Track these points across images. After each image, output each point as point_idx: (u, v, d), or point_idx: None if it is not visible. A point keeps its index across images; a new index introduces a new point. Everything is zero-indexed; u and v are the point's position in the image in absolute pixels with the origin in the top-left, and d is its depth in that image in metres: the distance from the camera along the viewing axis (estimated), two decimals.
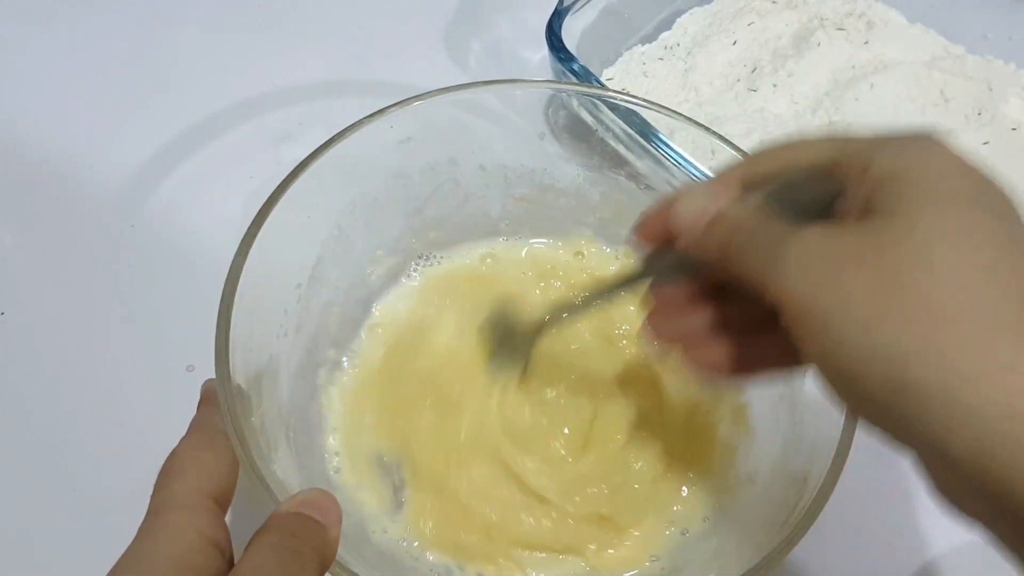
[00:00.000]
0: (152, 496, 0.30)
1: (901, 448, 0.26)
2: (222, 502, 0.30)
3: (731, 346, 0.33)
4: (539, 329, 0.42)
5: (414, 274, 0.50)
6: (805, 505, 0.35)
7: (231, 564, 0.29)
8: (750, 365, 0.33)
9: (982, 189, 0.26)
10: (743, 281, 0.29)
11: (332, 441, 0.44)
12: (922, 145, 0.27)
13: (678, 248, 0.32)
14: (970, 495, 0.25)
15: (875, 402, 0.25)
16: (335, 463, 0.43)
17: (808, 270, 0.26)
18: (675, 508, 0.43)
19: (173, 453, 0.31)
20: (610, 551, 0.42)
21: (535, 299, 0.49)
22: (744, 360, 0.33)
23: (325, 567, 0.29)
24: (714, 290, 0.34)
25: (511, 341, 0.44)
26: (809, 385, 0.42)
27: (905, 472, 0.49)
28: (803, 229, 0.27)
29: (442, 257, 0.50)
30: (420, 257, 0.50)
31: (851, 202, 0.28)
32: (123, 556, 0.27)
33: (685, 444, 0.45)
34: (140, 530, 0.28)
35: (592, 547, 0.42)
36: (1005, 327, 0.23)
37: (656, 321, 0.35)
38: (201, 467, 0.30)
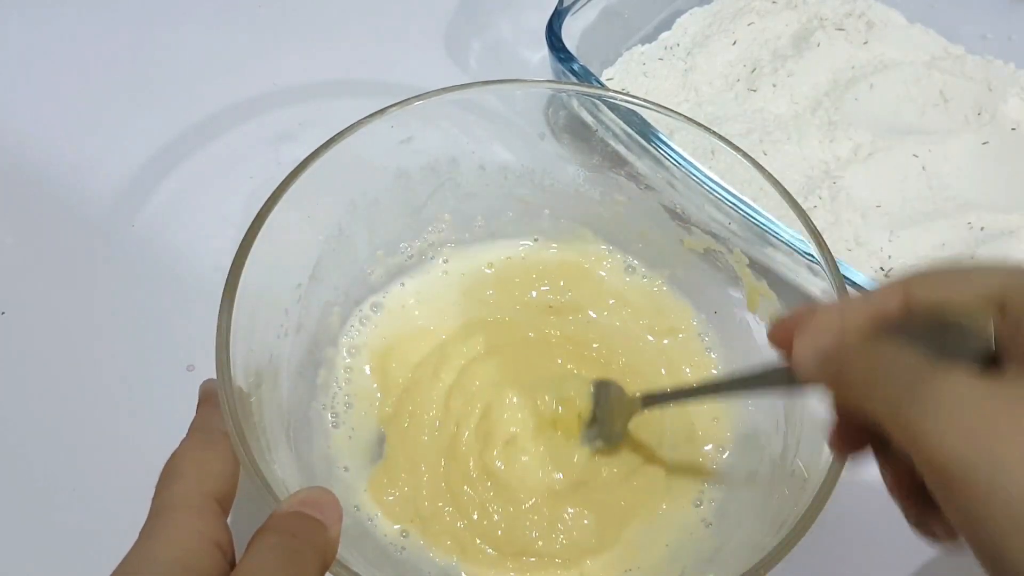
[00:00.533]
0: (154, 498, 0.30)
1: None
2: (224, 503, 0.30)
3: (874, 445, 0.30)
4: (643, 408, 0.42)
5: (414, 274, 0.50)
6: (805, 505, 0.35)
7: (233, 564, 0.29)
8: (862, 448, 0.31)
9: None
10: (869, 419, 0.26)
11: (332, 440, 0.44)
12: None
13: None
14: None
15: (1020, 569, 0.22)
16: (334, 462, 0.43)
17: (963, 425, 0.23)
18: (675, 509, 0.43)
19: (174, 454, 0.31)
20: (607, 553, 0.42)
21: (538, 304, 0.49)
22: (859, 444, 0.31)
23: (326, 566, 0.29)
24: None
25: (608, 416, 0.44)
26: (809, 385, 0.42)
27: None
28: (951, 371, 0.24)
29: (442, 257, 0.50)
30: (420, 257, 0.50)
31: (1015, 347, 0.25)
32: (125, 558, 0.27)
33: (685, 444, 0.45)
34: (142, 532, 0.28)
35: (587, 551, 0.42)
36: None
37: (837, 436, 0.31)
38: (202, 468, 0.30)
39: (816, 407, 0.40)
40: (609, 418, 0.44)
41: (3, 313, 0.53)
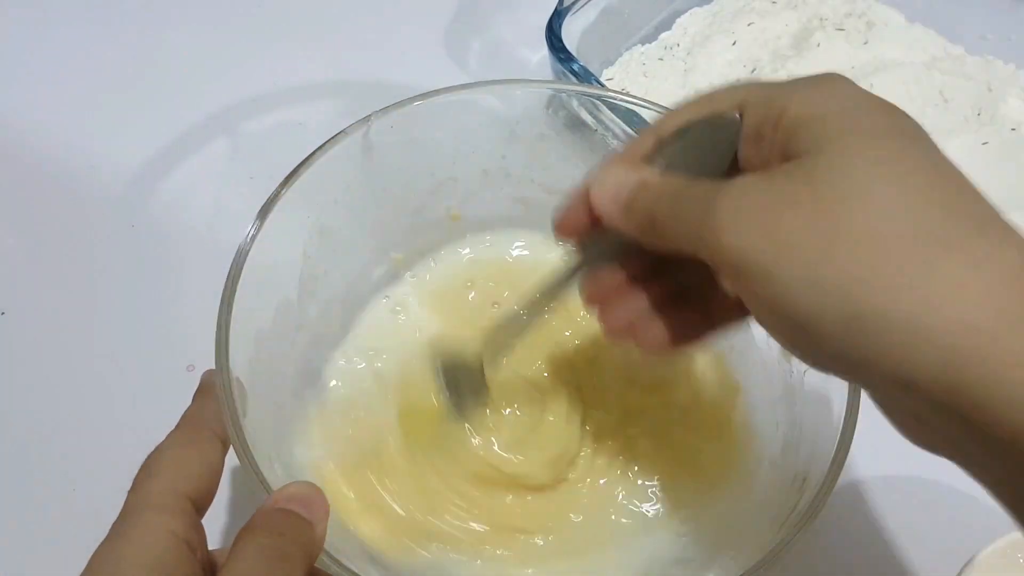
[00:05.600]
0: (128, 495, 0.29)
1: (861, 385, 0.26)
2: (199, 503, 0.30)
3: (683, 315, 0.33)
4: (492, 357, 0.41)
5: (415, 273, 0.50)
6: (805, 505, 0.35)
7: (204, 565, 0.29)
8: (695, 333, 0.33)
9: (897, 120, 0.27)
10: (676, 249, 0.29)
11: (330, 439, 0.44)
12: (832, 85, 0.28)
13: (605, 231, 0.32)
14: (933, 425, 0.25)
15: (831, 342, 0.25)
16: (333, 461, 0.43)
17: (743, 221, 0.26)
18: (674, 509, 0.43)
19: (156, 449, 0.31)
20: (604, 552, 0.42)
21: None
22: (688, 330, 0.33)
23: (312, 562, 0.29)
24: (650, 267, 0.34)
25: (470, 382, 0.42)
26: (809, 385, 0.42)
27: (904, 471, 0.49)
28: (728, 183, 0.27)
29: (443, 256, 0.50)
30: (421, 256, 0.50)
31: (766, 149, 0.28)
32: (93, 557, 0.27)
33: (684, 444, 0.45)
34: (112, 530, 0.28)
35: (576, 547, 0.41)
36: (950, 245, 0.23)
37: (605, 313, 0.35)
38: (180, 466, 0.30)
39: (816, 406, 0.40)
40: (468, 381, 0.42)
41: (3, 313, 0.53)
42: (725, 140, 0.30)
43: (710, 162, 0.30)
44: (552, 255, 0.51)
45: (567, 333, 0.47)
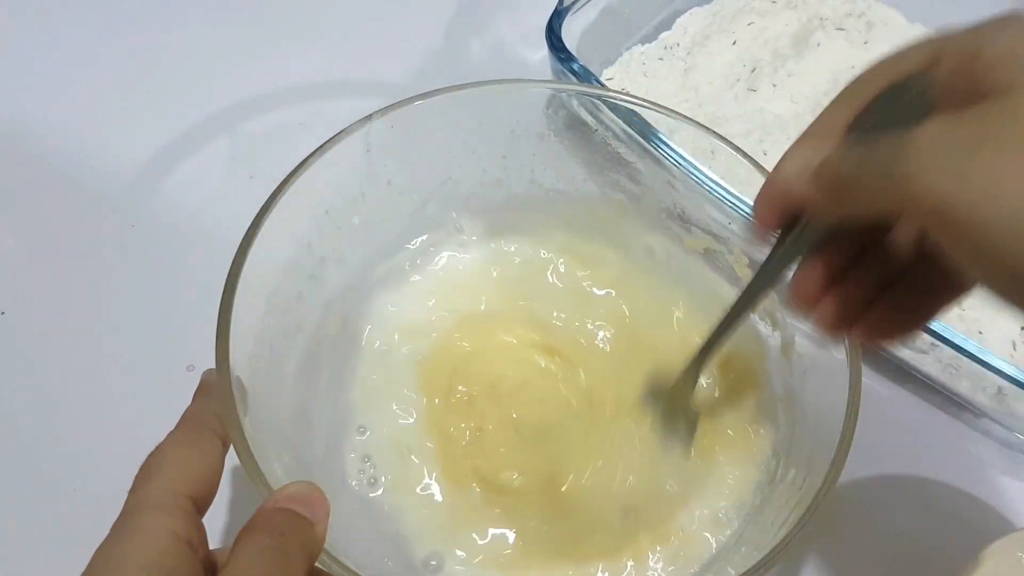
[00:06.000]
0: (128, 495, 0.29)
1: None
2: (200, 502, 0.30)
3: (888, 309, 0.32)
4: (697, 374, 0.41)
5: (415, 273, 0.50)
6: (805, 504, 0.35)
7: (205, 564, 0.28)
8: (912, 319, 0.32)
9: None
10: (871, 211, 0.27)
11: (330, 439, 0.44)
12: (1021, 23, 0.27)
13: (803, 224, 0.31)
14: None
15: None
16: (331, 461, 0.43)
17: (940, 164, 0.24)
18: (674, 510, 0.43)
19: (156, 449, 0.31)
20: (605, 556, 0.42)
21: (547, 298, 0.49)
22: (904, 317, 0.32)
23: (312, 563, 0.29)
24: (854, 257, 0.32)
25: (678, 407, 0.43)
26: (809, 385, 0.42)
27: (905, 471, 0.49)
28: (919, 129, 0.25)
29: (443, 256, 0.50)
30: (421, 256, 0.50)
31: (962, 95, 0.26)
32: (94, 557, 0.27)
33: (683, 445, 0.45)
34: (112, 530, 0.28)
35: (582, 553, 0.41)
36: None
37: (817, 310, 0.32)
38: (181, 466, 0.30)
39: (816, 406, 0.40)
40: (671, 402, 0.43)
41: (3, 313, 0.53)
42: (921, 100, 0.28)
43: (906, 125, 0.27)
44: (552, 255, 0.51)
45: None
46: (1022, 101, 0.24)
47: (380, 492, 0.43)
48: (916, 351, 0.48)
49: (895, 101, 0.29)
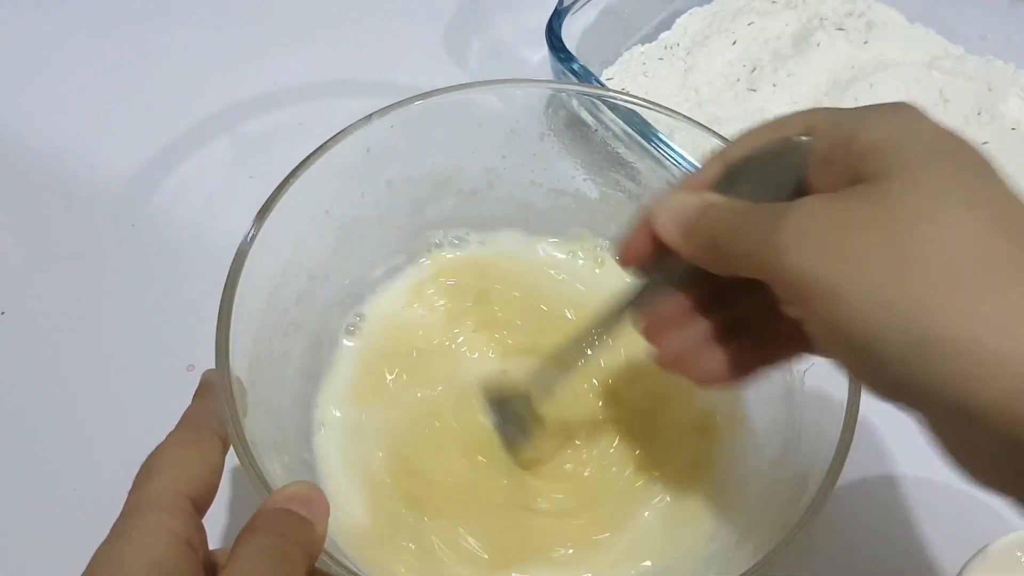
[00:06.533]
0: (128, 495, 0.29)
1: (917, 414, 0.26)
2: (200, 503, 0.30)
3: (737, 347, 0.33)
4: (544, 388, 0.40)
5: (415, 273, 0.50)
6: (805, 505, 0.35)
7: (206, 564, 0.29)
8: (759, 360, 0.33)
9: (965, 150, 0.27)
10: (738, 271, 0.29)
11: (330, 439, 0.44)
12: (904, 114, 0.28)
13: (666, 258, 0.32)
14: (989, 459, 0.25)
15: (894, 367, 0.24)
16: (330, 461, 0.43)
17: (810, 241, 0.26)
18: (673, 510, 0.43)
19: (156, 449, 0.31)
20: (602, 552, 0.42)
21: (547, 298, 0.49)
22: (753, 357, 0.33)
23: (312, 563, 0.29)
24: (708, 297, 0.34)
25: (514, 413, 0.42)
26: (809, 385, 0.42)
27: (905, 471, 0.49)
28: (796, 203, 0.27)
29: (443, 256, 0.50)
30: (421, 256, 0.50)
31: (834, 174, 0.28)
32: (94, 557, 0.27)
33: (683, 444, 0.45)
34: (112, 530, 0.28)
35: (577, 547, 0.41)
36: (1020, 274, 0.23)
37: (659, 341, 0.34)
38: (181, 466, 0.30)
39: (816, 406, 0.40)
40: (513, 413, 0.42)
41: (3, 313, 0.53)
42: (793, 165, 0.29)
43: (777, 187, 0.29)
44: (552, 255, 0.51)
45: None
46: (891, 188, 0.25)
47: None
48: None
49: (769, 161, 0.30)
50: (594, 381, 0.46)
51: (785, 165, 0.30)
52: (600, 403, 0.45)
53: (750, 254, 0.28)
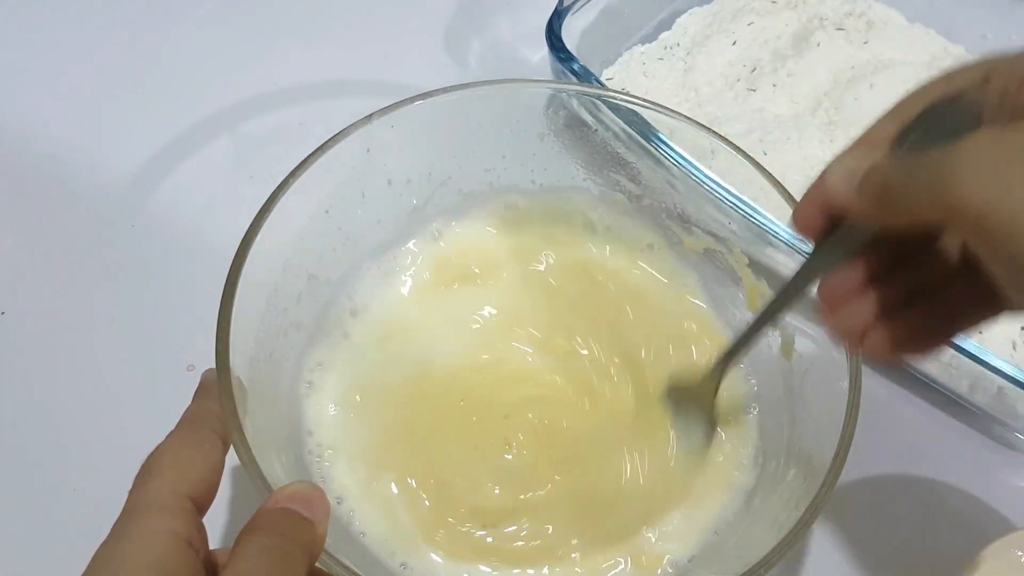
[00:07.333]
0: (128, 495, 0.29)
1: None
2: (200, 503, 0.30)
3: (919, 318, 0.32)
4: (725, 369, 0.41)
5: (414, 273, 0.50)
6: (805, 505, 0.35)
7: (205, 565, 0.28)
8: (943, 330, 0.32)
9: None
10: (913, 219, 0.28)
11: (330, 440, 0.44)
12: None
13: (842, 226, 0.31)
14: None
15: None
16: (331, 461, 0.43)
17: (984, 171, 0.25)
18: (673, 510, 0.43)
19: (156, 449, 0.31)
20: (604, 553, 0.42)
21: (549, 297, 0.49)
22: (936, 327, 0.32)
23: (312, 563, 0.29)
24: (886, 268, 0.32)
25: (693, 407, 0.43)
26: (809, 385, 0.42)
27: (905, 471, 0.49)
28: (967, 138, 0.26)
29: (443, 256, 0.50)
30: (420, 256, 0.50)
31: (1009, 114, 0.27)
32: (95, 557, 0.27)
33: (683, 445, 0.45)
34: (113, 531, 0.28)
35: (578, 552, 0.41)
36: None
37: (839, 317, 0.32)
38: (181, 466, 0.30)
39: (818, 406, 0.40)
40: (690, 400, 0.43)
41: (3, 313, 0.53)
42: (968, 117, 0.29)
43: (952, 142, 0.28)
44: (547, 253, 0.51)
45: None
46: None
47: None
48: None
49: (943, 116, 0.30)
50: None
51: (959, 122, 0.29)
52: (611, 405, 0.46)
53: (924, 195, 0.27)
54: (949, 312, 0.31)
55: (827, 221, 0.32)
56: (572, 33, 0.57)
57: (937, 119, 0.30)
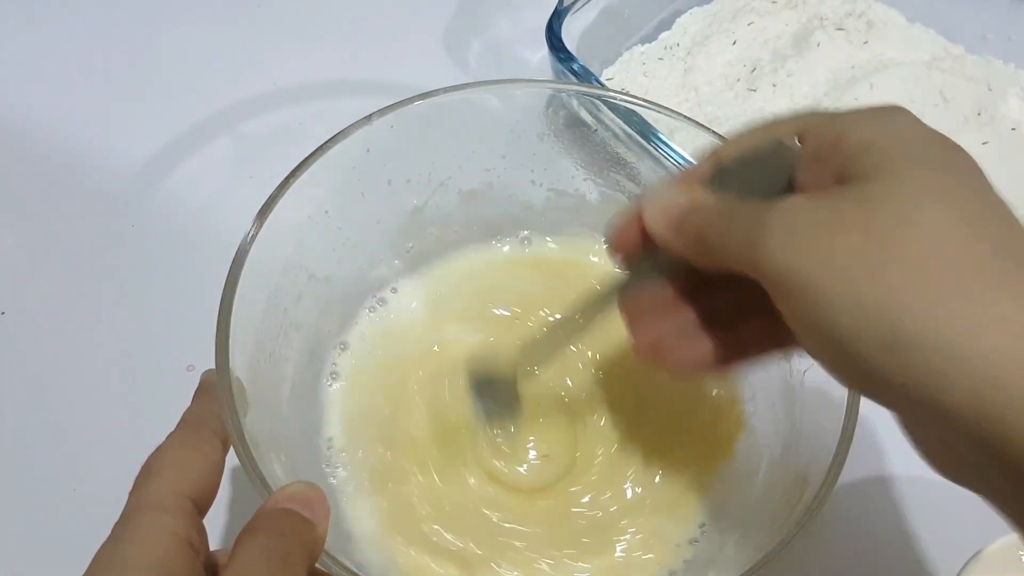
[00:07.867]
0: (129, 495, 0.29)
1: (893, 410, 0.26)
2: (200, 503, 0.30)
3: (714, 340, 0.33)
4: (527, 369, 0.40)
5: (414, 273, 0.50)
6: (805, 505, 0.35)
7: (205, 565, 0.29)
8: (734, 355, 0.34)
9: (952, 155, 0.27)
10: (724, 266, 0.29)
11: (330, 440, 0.44)
12: (892, 116, 0.28)
13: (654, 250, 0.33)
14: (961, 455, 0.25)
15: (869, 364, 0.25)
16: (331, 462, 0.43)
17: (793, 237, 0.26)
18: (673, 511, 0.43)
19: (156, 450, 0.31)
20: (606, 555, 0.42)
21: (534, 302, 0.49)
22: (728, 351, 0.33)
23: (313, 563, 0.29)
24: (690, 289, 0.34)
25: (498, 392, 0.42)
26: (808, 385, 0.42)
27: (904, 471, 0.49)
28: (782, 201, 0.27)
29: (443, 256, 0.50)
30: (420, 257, 0.50)
31: (822, 174, 0.28)
32: (95, 558, 0.27)
33: (683, 446, 0.45)
34: (113, 531, 0.28)
35: (581, 552, 0.41)
36: (995, 277, 0.24)
37: (637, 329, 0.35)
38: (181, 467, 0.30)
39: (815, 406, 0.40)
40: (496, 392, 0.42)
41: (3, 313, 0.53)
42: (783, 167, 0.30)
43: (767, 188, 0.30)
44: (547, 254, 0.51)
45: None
46: (874, 189, 0.26)
47: None
48: None
49: (759, 163, 0.31)
50: (592, 374, 0.46)
51: (775, 166, 0.30)
52: (596, 403, 0.45)
53: (735, 250, 0.28)
54: (745, 340, 0.33)
55: (641, 244, 0.33)
56: (572, 33, 0.57)
57: (753, 161, 0.31)
